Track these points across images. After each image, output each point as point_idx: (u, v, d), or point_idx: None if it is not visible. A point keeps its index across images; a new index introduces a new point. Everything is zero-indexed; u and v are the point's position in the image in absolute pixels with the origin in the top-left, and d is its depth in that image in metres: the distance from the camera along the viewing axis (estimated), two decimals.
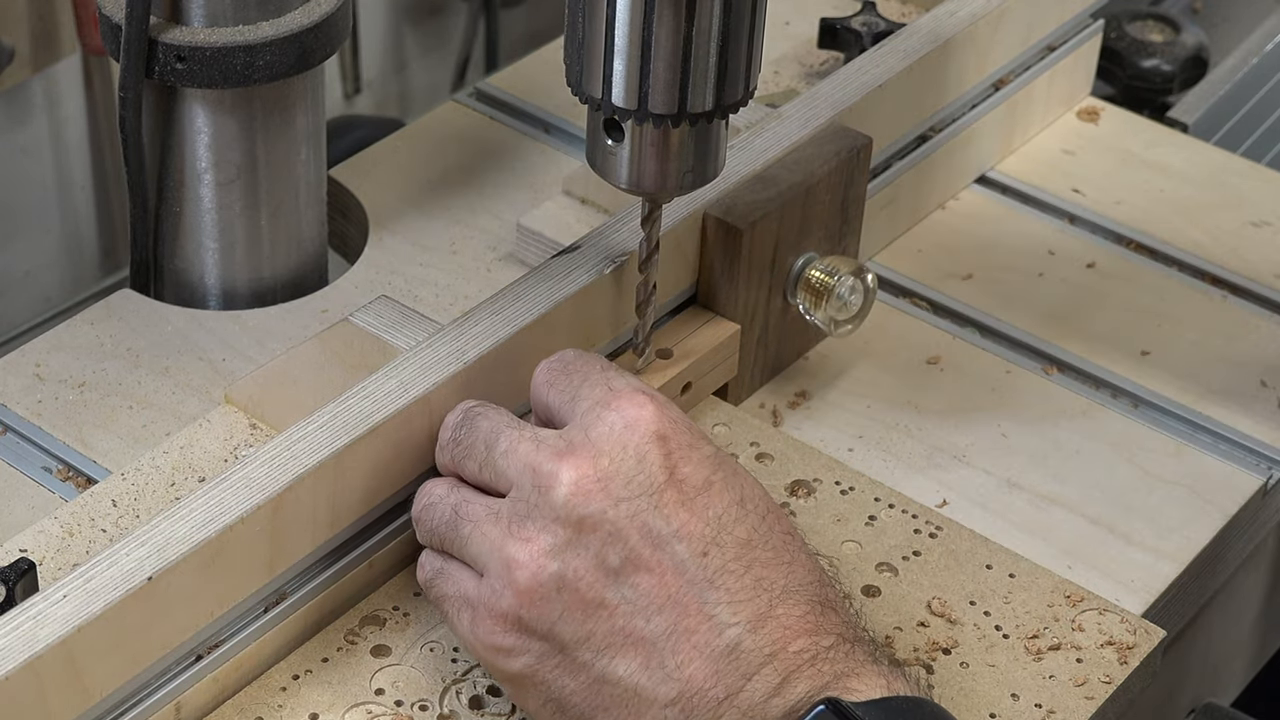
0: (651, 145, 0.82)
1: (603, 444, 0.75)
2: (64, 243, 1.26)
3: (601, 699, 0.74)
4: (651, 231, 0.86)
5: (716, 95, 0.80)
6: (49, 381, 0.94)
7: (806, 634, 0.74)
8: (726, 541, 0.74)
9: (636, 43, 0.78)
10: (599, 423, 0.76)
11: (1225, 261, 1.08)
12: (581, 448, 0.75)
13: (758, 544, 0.75)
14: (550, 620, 0.74)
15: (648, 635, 0.73)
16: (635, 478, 0.74)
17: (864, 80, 1.02)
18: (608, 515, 0.74)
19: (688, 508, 0.74)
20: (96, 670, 0.74)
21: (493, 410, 0.80)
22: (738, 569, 0.74)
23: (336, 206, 1.07)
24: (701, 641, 0.73)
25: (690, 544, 0.74)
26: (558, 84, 1.16)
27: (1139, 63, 1.24)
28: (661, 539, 0.74)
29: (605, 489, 0.74)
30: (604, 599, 0.74)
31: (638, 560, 0.74)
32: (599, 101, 0.81)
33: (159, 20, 0.93)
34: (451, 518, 0.78)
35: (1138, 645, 0.85)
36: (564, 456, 0.75)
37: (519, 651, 0.75)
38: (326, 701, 0.80)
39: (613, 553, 0.74)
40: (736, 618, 0.73)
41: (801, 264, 0.96)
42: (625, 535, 0.74)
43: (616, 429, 0.75)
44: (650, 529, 0.74)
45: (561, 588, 0.74)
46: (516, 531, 0.75)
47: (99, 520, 0.85)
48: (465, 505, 0.78)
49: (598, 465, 0.74)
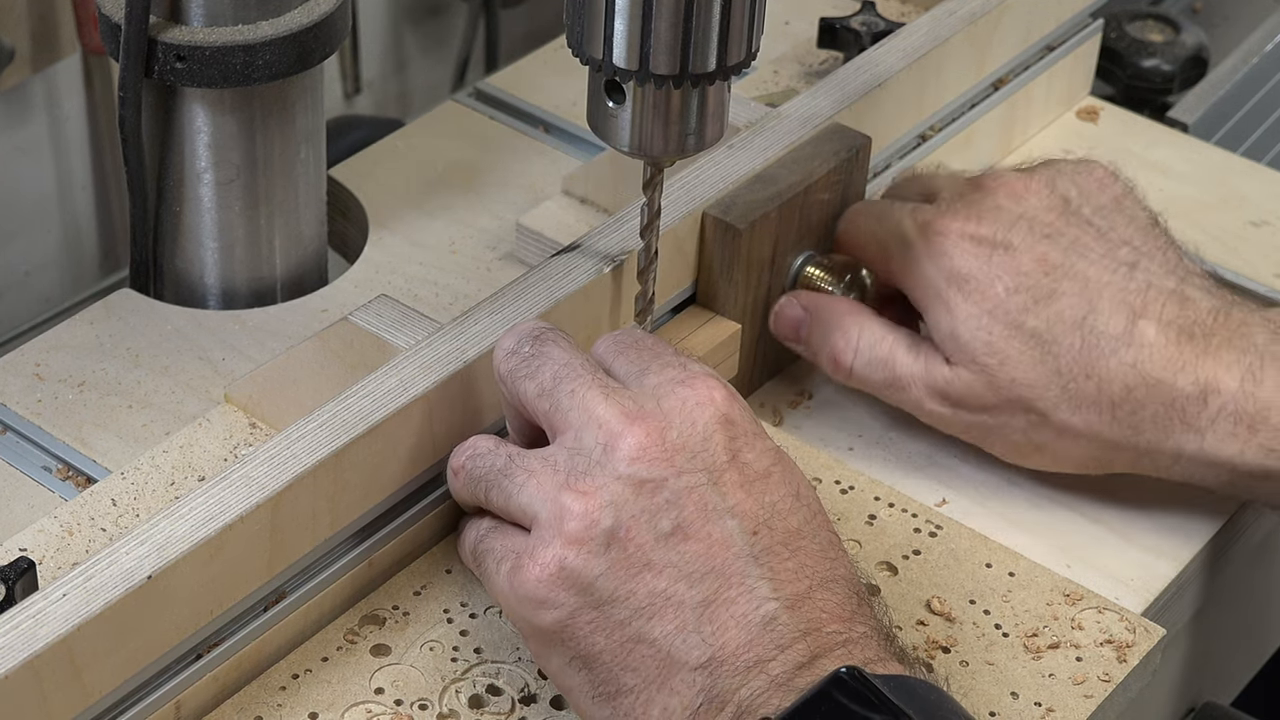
0: (653, 107, 0.81)
1: (673, 416, 0.76)
2: (64, 243, 1.25)
3: (631, 659, 0.75)
4: (653, 196, 0.86)
5: (719, 56, 0.80)
6: (49, 381, 0.94)
7: (842, 620, 0.75)
8: (777, 526, 0.76)
9: (638, 2, 0.78)
10: (672, 396, 0.77)
11: (1225, 261, 1.08)
12: (653, 415, 0.76)
13: (806, 535, 0.76)
14: (594, 574, 0.75)
15: (688, 600, 0.74)
16: (700, 453, 0.76)
17: (864, 80, 1.02)
18: (669, 483, 0.75)
19: (745, 489, 0.76)
20: (96, 669, 0.74)
21: (567, 343, 0.80)
22: (784, 553, 0.75)
23: (336, 206, 1.07)
24: (740, 612, 0.74)
25: (743, 521, 0.75)
26: (558, 84, 1.17)
27: (1139, 63, 1.24)
28: (716, 512, 0.75)
29: (670, 458, 0.75)
30: (650, 560, 0.75)
31: (689, 528, 0.75)
32: (600, 62, 0.80)
33: (158, 20, 0.93)
34: (505, 466, 0.78)
35: (1137, 644, 0.85)
36: (635, 419, 0.76)
37: (554, 604, 0.76)
38: (326, 700, 0.80)
39: (666, 518, 0.75)
40: (776, 594, 0.74)
41: (800, 263, 0.96)
42: (682, 504, 0.75)
43: (689, 405, 0.77)
44: (706, 502, 0.75)
45: (611, 543, 0.75)
46: (574, 484, 0.76)
47: (99, 519, 0.85)
48: (520, 456, 0.78)
49: (666, 435, 0.76)
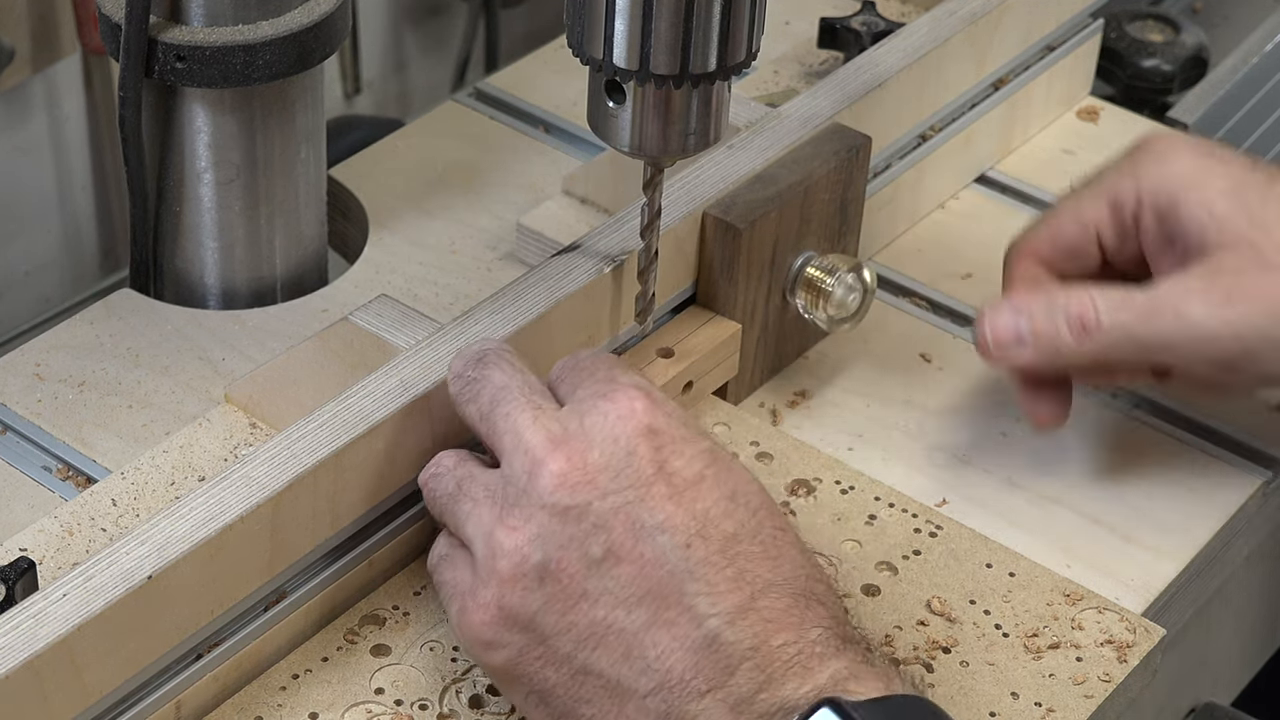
0: (653, 107, 0.81)
1: (594, 434, 0.75)
2: (64, 243, 1.26)
3: (584, 691, 0.74)
4: (653, 196, 0.86)
5: (720, 56, 0.79)
6: (49, 381, 0.94)
7: (790, 628, 0.73)
8: (711, 535, 0.74)
9: (638, 2, 0.78)
10: (593, 411, 0.76)
11: None
12: (575, 437, 0.75)
13: (744, 538, 0.75)
14: (532, 610, 0.74)
15: (628, 626, 0.73)
16: (624, 470, 0.74)
17: (864, 80, 1.02)
18: (593, 506, 0.74)
19: (674, 501, 0.74)
20: (96, 669, 0.74)
21: (507, 364, 0.79)
22: (720, 561, 0.74)
23: (336, 206, 1.07)
24: (681, 633, 0.73)
25: (673, 535, 0.74)
26: (558, 84, 1.17)
27: (1139, 63, 1.24)
28: (645, 530, 0.74)
29: (592, 481, 0.74)
30: (585, 590, 0.74)
31: (620, 551, 0.74)
32: (600, 62, 0.80)
33: (159, 20, 0.92)
34: (454, 491, 0.78)
35: (1137, 644, 0.85)
36: (556, 445, 0.75)
37: (501, 644, 0.75)
38: (326, 700, 0.80)
39: (595, 543, 0.74)
40: (715, 609, 0.73)
41: (800, 263, 0.96)
42: (609, 526, 0.74)
43: (610, 419, 0.75)
44: (634, 520, 0.74)
45: (544, 578, 0.74)
46: (505, 518, 0.75)
47: (99, 519, 0.85)
48: (468, 481, 0.78)
49: (587, 457, 0.75)
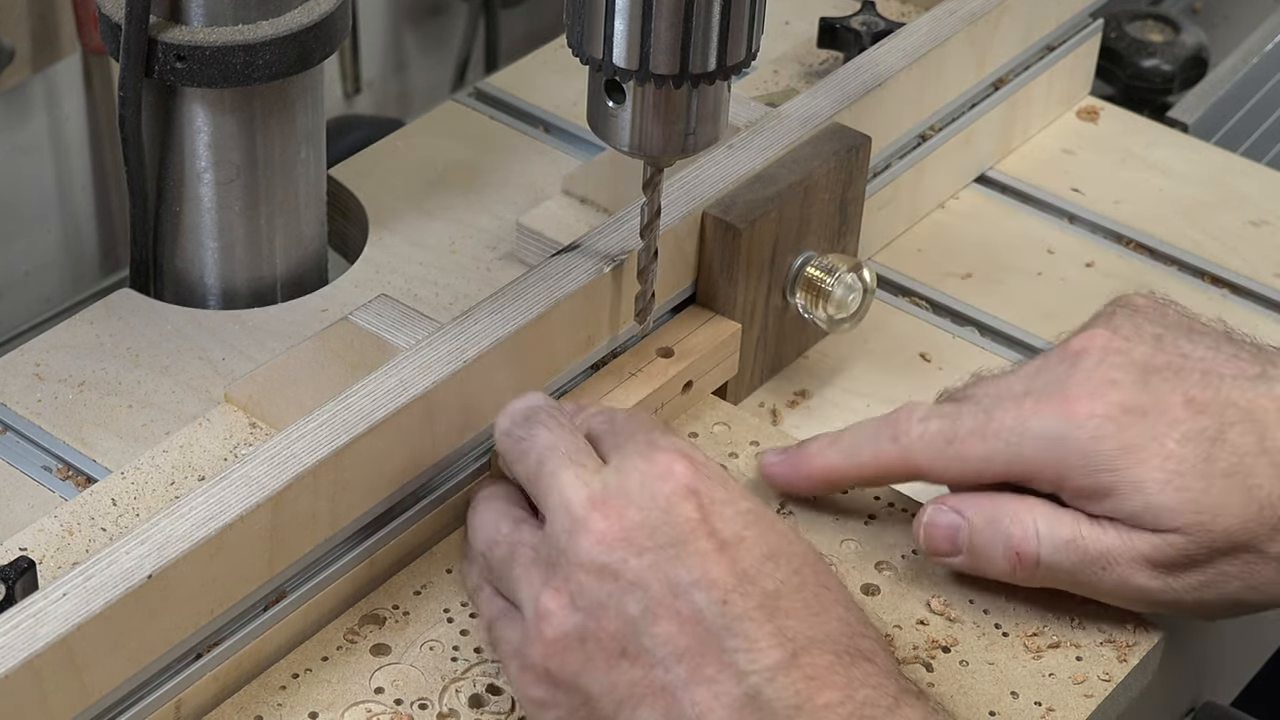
0: (653, 107, 0.81)
1: (634, 493, 0.75)
2: (64, 243, 1.26)
3: None
4: (653, 196, 0.86)
5: (719, 55, 0.79)
6: (49, 381, 0.94)
7: (836, 687, 0.72)
8: (750, 591, 0.74)
9: (638, 2, 0.78)
10: (634, 471, 0.76)
11: (1225, 261, 1.08)
12: (614, 495, 0.75)
13: (785, 595, 0.74)
14: (575, 671, 0.75)
15: (669, 684, 0.73)
16: (661, 528, 0.74)
17: (863, 80, 1.02)
18: (629, 564, 0.74)
19: (712, 559, 0.74)
20: (96, 668, 0.74)
21: (554, 421, 0.79)
22: (759, 617, 0.73)
23: (336, 206, 1.07)
24: (721, 690, 0.72)
25: (710, 591, 0.73)
26: (558, 84, 1.17)
27: (1139, 63, 1.24)
28: (681, 587, 0.73)
29: (630, 539, 0.74)
30: (625, 648, 0.74)
31: (657, 608, 0.73)
32: (600, 62, 0.80)
33: (159, 20, 0.92)
34: (508, 558, 0.78)
35: (1137, 643, 0.85)
36: (595, 504, 0.75)
37: (551, 704, 0.76)
38: (326, 700, 0.80)
39: (633, 601, 0.74)
40: (755, 665, 0.72)
41: (800, 263, 0.96)
42: (646, 583, 0.74)
43: (650, 479, 0.75)
44: (671, 577, 0.74)
45: (585, 638, 0.74)
46: (549, 580, 0.76)
47: (99, 519, 0.85)
48: (520, 547, 0.78)
49: (625, 517, 0.75)
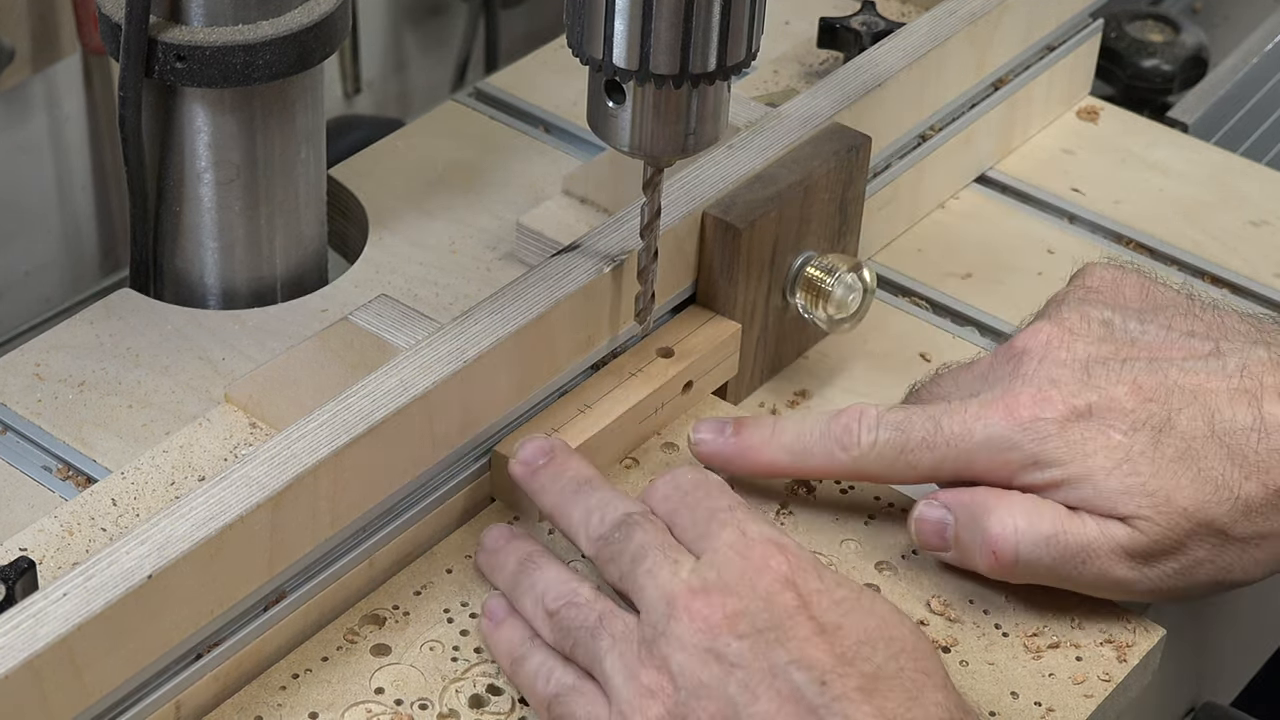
0: (653, 107, 0.81)
1: (732, 584, 0.76)
2: (64, 243, 1.26)
3: None
4: (653, 196, 0.86)
5: (719, 56, 0.79)
6: (49, 381, 0.94)
7: None
8: (849, 673, 0.75)
9: (638, 2, 0.78)
10: (730, 566, 0.77)
11: (1225, 261, 1.08)
12: (713, 586, 0.76)
13: (882, 678, 0.75)
14: None
15: None
16: (761, 615, 0.75)
17: (863, 80, 1.02)
18: (730, 647, 0.75)
19: (812, 642, 0.75)
20: (96, 668, 0.74)
21: (650, 525, 0.80)
22: (858, 698, 0.74)
23: (336, 206, 1.07)
24: None
25: (809, 672, 0.74)
26: (558, 84, 1.17)
27: (1139, 63, 1.24)
28: (780, 667, 0.74)
29: (731, 625, 0.75)
30: None
31: (756, 689, 0.74)
32: (600, 62, 0.80)
33: (159, 20, 0.93)
34: (595, 625, 0.78)
35: (1137, 643, 0.85)
36: (696, 594, 0.76)
37: None
38: (326, 700, 0.80)
39: (733, 682, 0.74)
40: None
41: (800, 263, 0.96)
42: (746, 665, 0.75)
43: (748, 573, 0.76)
44: (771, 659, 0.75)
45: (686, 718, 0.75)
46: (647, 659, 0.76)
47: (99, 519, 0.85)
48: (610, 617, 0.78)
49: (726, 605, 0.76)
